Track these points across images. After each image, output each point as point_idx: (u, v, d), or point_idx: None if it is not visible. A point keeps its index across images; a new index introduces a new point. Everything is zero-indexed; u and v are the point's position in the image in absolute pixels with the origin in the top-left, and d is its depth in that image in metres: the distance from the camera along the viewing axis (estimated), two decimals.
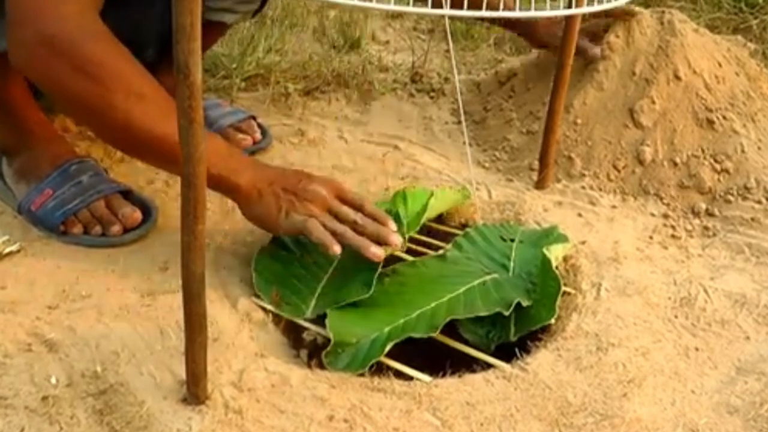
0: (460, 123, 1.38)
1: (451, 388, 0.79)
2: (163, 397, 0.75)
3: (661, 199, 1.18)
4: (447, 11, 0.80)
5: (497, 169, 1.27)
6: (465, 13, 0.79)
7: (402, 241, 0.93)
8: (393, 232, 0.92)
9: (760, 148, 1.20)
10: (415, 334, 0.84)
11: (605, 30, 1.28)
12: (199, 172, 0.64)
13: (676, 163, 1.19)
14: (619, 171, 1.21)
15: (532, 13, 0.82)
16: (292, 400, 0.76)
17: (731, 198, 1.15)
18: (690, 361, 0.86)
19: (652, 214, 1.15)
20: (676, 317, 0.93)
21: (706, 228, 1.12)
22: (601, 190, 1.20)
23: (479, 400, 0.77)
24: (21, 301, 0.88)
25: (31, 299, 0.88)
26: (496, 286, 0.93)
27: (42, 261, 0.96)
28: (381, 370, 0.81)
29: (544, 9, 0.86)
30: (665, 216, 1.15)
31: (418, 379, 0.81)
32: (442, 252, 1.01)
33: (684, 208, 1.16)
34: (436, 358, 0.84)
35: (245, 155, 1.01)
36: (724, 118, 1.21)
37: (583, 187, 1.19)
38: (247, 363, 0.80)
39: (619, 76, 1.25)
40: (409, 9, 0.76)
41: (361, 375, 0.80)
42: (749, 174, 1.16)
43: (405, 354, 0.84)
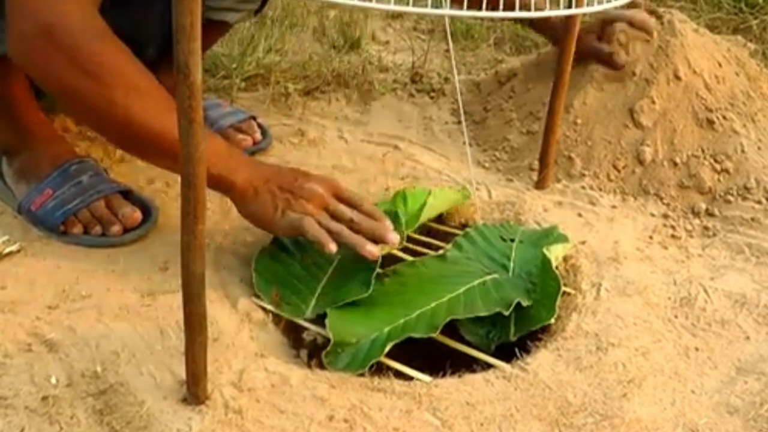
0: (460, 123, 1.38)
1: (451, 388, 0.79)
2: (163, 397, 0.75)
3: (661, 199, 1.18)
4: (447, 11, 0.80)
5: (497, 169, 1.27)
6: (465, 13, 0.79)
7: (399, 239, 0.93)
8: (390, 230, 0.92)
9: (760, 148, 1.20)
10: (415, 334, 0.84)
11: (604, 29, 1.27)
12: (199, 172, 0.64)
13: (676, 163, 1.19)
14: (619, 171, 1.21)
15: (532, 13, 0.82)
16: (292, 400, 0.76)
17: (731, 198, 1.15)
18: (690, 361, 0.86)
19: (652, 214, 1.15)
20: (676, 317, 0.93)
21: (706, 228, 1.12)
22: (601, 190, 1.20)
23: (479, 400, 0.77)
24: (21, 301, 0.88)
25: (31, 299, 0.88)
26: (496, 286, 0.93)
27: (42, 261, 0.96)
28: (381, 370, 0.81)
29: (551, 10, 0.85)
30: (665, 216, 1.15)
31: (418, 379, 0.81)
32: (442, 252, 1.01)
33: (684, 208, 1.16)
34: (436, 358, 0.84)
35: (242, 154, 1.00)
36: (724, 118, 1.21)
37: (583, 187, 1.19)
38: (247, 363, 0.80)
39: (619, 77, 1.25)
40: (409, 9, 0.75)
41: (361, 375, 0.80)
42: (749, 174, 1.16)
43: (405, 354, 0.84)
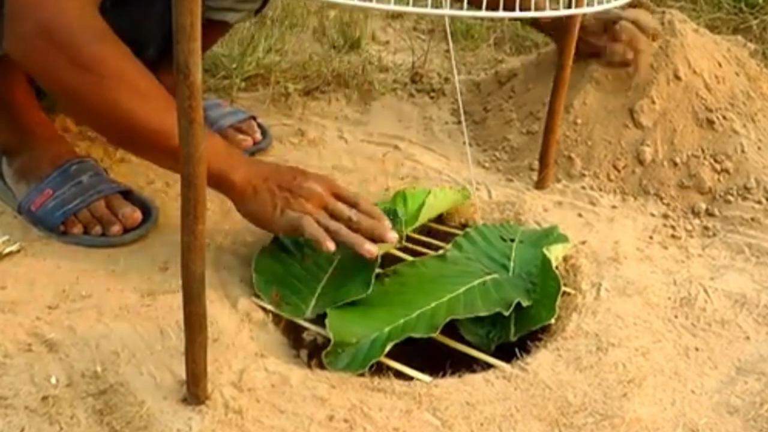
0: (460, 123, 1.38)
1: (451, 388, 0.79)
2: (163, 397, 0.75)
3: (661, 199, 1.18)
4: (447, 11, 0.80)
5: (497, 169, 1.27)
6: (465, 13, 0.79)
7: (398, 237, 0.92)
8: (389, 229, 0.91)
9: (760, 148, 1.20)
10: (415, 334, 0.84)
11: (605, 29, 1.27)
12: (199, 172, 0.64)
13: (676, 163, 1.19)
14: (619, 171, 1.21)
15: (532, 13, 0.82)
16: (292, 400, 0.76)
17: (731, 198, 1.15)
18: (690, 361, 0.86)
19: (652, 214, 1.15)
20: (676, 317, 0.93)
21: (706, 228, 1.12)
22: (601, 190, 1.20)
23: (479, 400, 0.77)
24: (21, 301, 0.88)
25: (31, 299, 0.88)
26: (496, 286, 0.93)
27: (42, 261, 0.96)
28: (381, 370, 0.81)
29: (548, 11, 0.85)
30: (665, 216, 1.15)
31: (418, 379, 0.81)
32: (442, 252, 1.01)
33: (684, 208, 1.16)
34: (436, 358, 0.84)
35: (240, 153, 1.00)
36: (724, 118, 1.21)
37: (583, 187, 1.19)
38: (247, 363, 0.80)
39: (620, 76, 1.25)
40: (409, 9, 0.75)
41: (361, 375, 0.80)
42: (749, 174, 1.16)
43: (405, 354, 0.84)
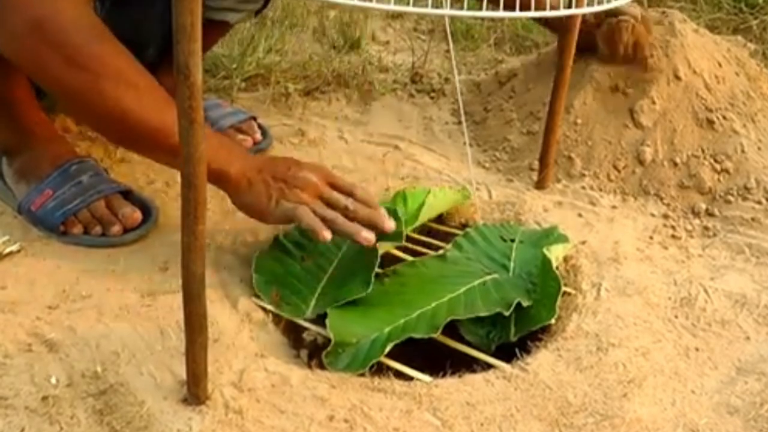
0: (460, 123, 1.38)
1: (452, 388, 0.79)
2: (163, 398, 0.75)
3: (661, 199, 1.18)
4: (447, 11, 0.80)
5: (497, 170, 1.27)
6: (465, 13, 0.79)
7: (395, 226, 0.92)
8: (386, 218, 0.91)
9: (760, 148, 1.20)
10: (416, 334, 0.84)
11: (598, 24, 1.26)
12: (200, 172, 0.64)
13: (676, 163, 1.19)
14: (619, 171, 1.21)
15: (532, 13, 0.82)
16: (292, 400, 0.76)
17: (731, 198, 1.15)
18: (690, 362, 0.86)
19: (652, 215, 1.15)
20: (677, 317, 0.93)
21: (706, 228, 1.12)
22: (601, 190, 1.20)
23: (479, 400, 0.77)
24: (21, 301, 0.88)
25: (32, 299, 0.88)
26: (497, 286, 0.93)
27: (42, 261, 0.96)
28: (381, 370, 0.81)
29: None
30: (665, 216, 1.15)
31: (419, 379, 0.81)
32: (442, 252, 1.01)
33: (684, 208, 1.16)
34: (436, 358, 0.84)
35: (234, 145, 1.00)
36: (724, 118, 1.21)
37: (584, 187, 1.19)
38: (247, 363, 0.80)
39: (620, 77, 1.25)
40: (409, 9, 0.75)
41: (362, 375, 0.80)
42: (749, 174, 1.16)
43: (405, 354, 0.84)
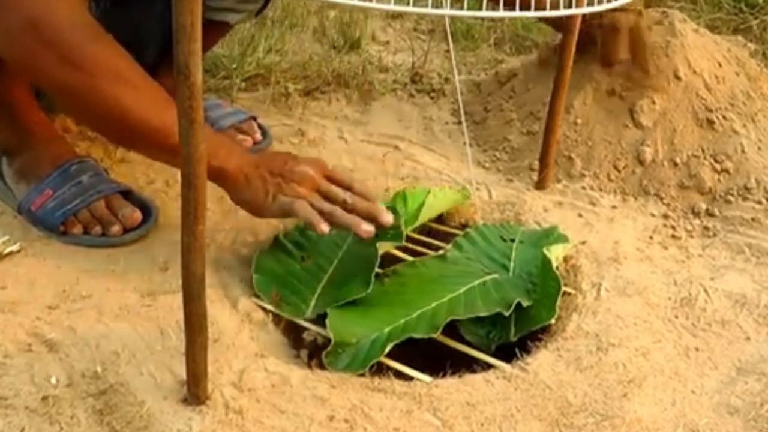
0: (460, 123, 1.38)
1: (452, 388, 0.79)
2: (163, 398, 0.75)
3: (661, 199, 1.18)
4: (447, 11, 0.80)
5: (497, 170, 1.27)
6: (465, 13, 0.79)
7: (393, 218, 0.92)
8: (384, 210, 0.91)
9: (760, 148, 1.20)
10: (416, 334, 0.84)
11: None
12: (200, 172, 0.64)
13: (676, 163, 1.19)
14: (619, 171, 1.21)
15: (532, 13, 0.82)
16: (292, 401, 0.76)
17: (731, 198, 1.15)
18: (690, 362, 0.86)
19: (653, 215, 1.15)
20: (677, 317, 0.93)
21: (707, 228, 1.12)
22: (601, 190, 1.20)
23: (479, 400, 0.77)
24: (21, 301, 0.88)
25: (32, 299, 0.88)
26: (497, 286, 0.93)
27: (42, 261, 0.96)
28: (381, 370, 0.81)
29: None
30: (665, 216, 1.15)
31: (419, 379, 0.81)
32: (442, 252, 1.01)
33: (684, 209, 1.16)
34: (436, 358, 0.84)
35: (230, 142, 1.00)
36: (724, 118, 1.21)
37: (584, 188, 1.19)
38: (247, 363, 0.80)
39: (620, 77, 1.25)
40: (409, 9, 0.75)
41: (362, 375, 0.80)
42: (749, 174, 1.16)
43: (405, 354, 0.84)
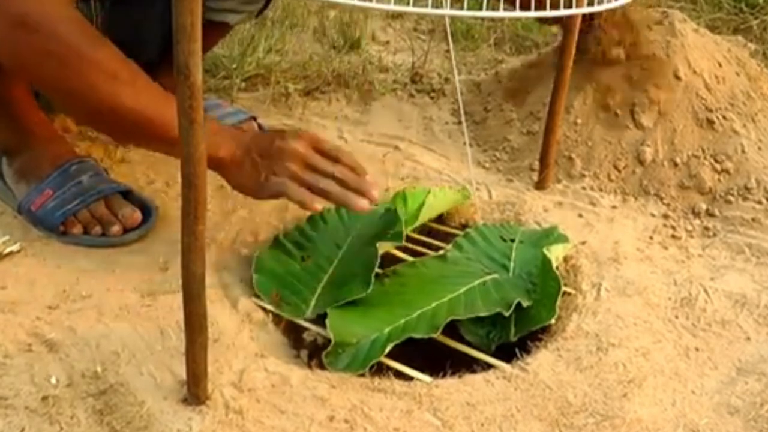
0: (460, 123, 1.38)
1: (452, 388, 0.79)
2: (163, 398, 0.75)
3: (661, 199, 1.18)
4: (447, 11, 0.80)
5: (497, 170, 1.27)
6: (465, 13, 0.79)
7: (377, 195, 0.91)
8: (374, 185, 0.90)
9: (760, 149, 1.20)
10: (416, 334, 0.84)
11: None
12: (200, 172, 0.64)
13: (676, 164, 1.19)
14: (619, 171, 1.21)
15: (532, 12, 0.82)
16: (292, 401, 0.76)
17: (731, 198, 1.15)
18: (690, 362, 0.86)
19: (653, 215, 1.15)
20: (677, 317, 0.93)
21: (707, 228, 1.12)
22: (601, 190, 1.20)
23: (479, 400, 0.77)
24: (21, 301, 0.88)
25: (32, 299, 0.88)
26: (497, 286, 0.93)
27: (42, 261, 0.96)
28: (381, 370, 0.81)
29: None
30: (665, 216, 1.15)
31: (419, 379, 0.81)
32: (442, 252, 1.01)
33: (684, 209, 1.16)
34: (436, 358, 0.84)
35: (221, 127, 0.98)
36: (725, 118, 1.21)
37: (584, 188, 1.19)
38: (247, 363, 0.80)
39: (620, 77, 1.25)
40: (409, 9, 0.75)
41: (362, 375, 0.80)
42: (749, 174, 1.16)
43: (405, 354, 0.84)
